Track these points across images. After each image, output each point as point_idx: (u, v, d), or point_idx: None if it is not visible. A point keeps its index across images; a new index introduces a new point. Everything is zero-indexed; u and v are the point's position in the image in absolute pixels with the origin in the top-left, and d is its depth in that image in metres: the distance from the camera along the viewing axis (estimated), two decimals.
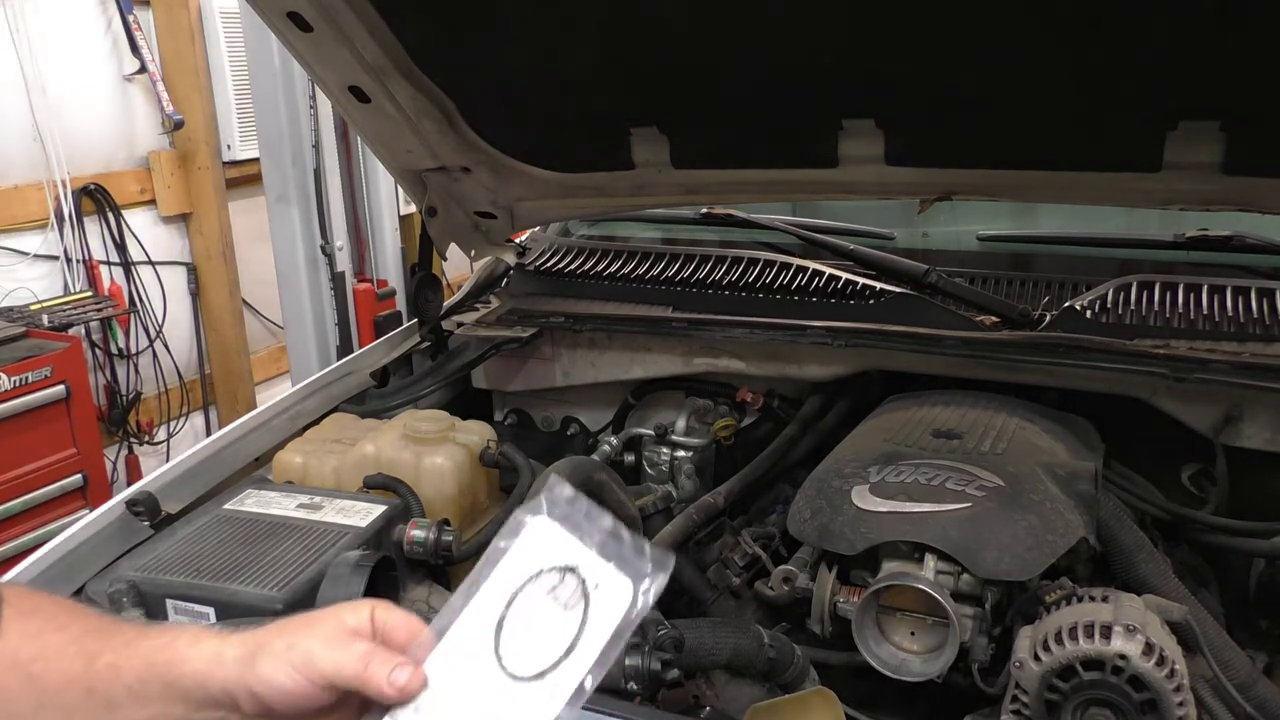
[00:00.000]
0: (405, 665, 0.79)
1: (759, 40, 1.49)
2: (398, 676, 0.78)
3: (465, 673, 0.81)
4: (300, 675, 0.77)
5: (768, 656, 1.26)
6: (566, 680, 0.79)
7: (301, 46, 1.63)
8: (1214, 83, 1.38)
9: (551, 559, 0.84)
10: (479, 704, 0.80)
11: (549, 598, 0.82)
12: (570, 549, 0.84)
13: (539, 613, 0.82)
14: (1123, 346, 1.67)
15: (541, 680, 0.79)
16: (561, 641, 0.81)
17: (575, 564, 0.83)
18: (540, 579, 0.83)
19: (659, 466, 1.93)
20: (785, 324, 1.88)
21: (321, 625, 0.81)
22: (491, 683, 0.80)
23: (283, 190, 4.04)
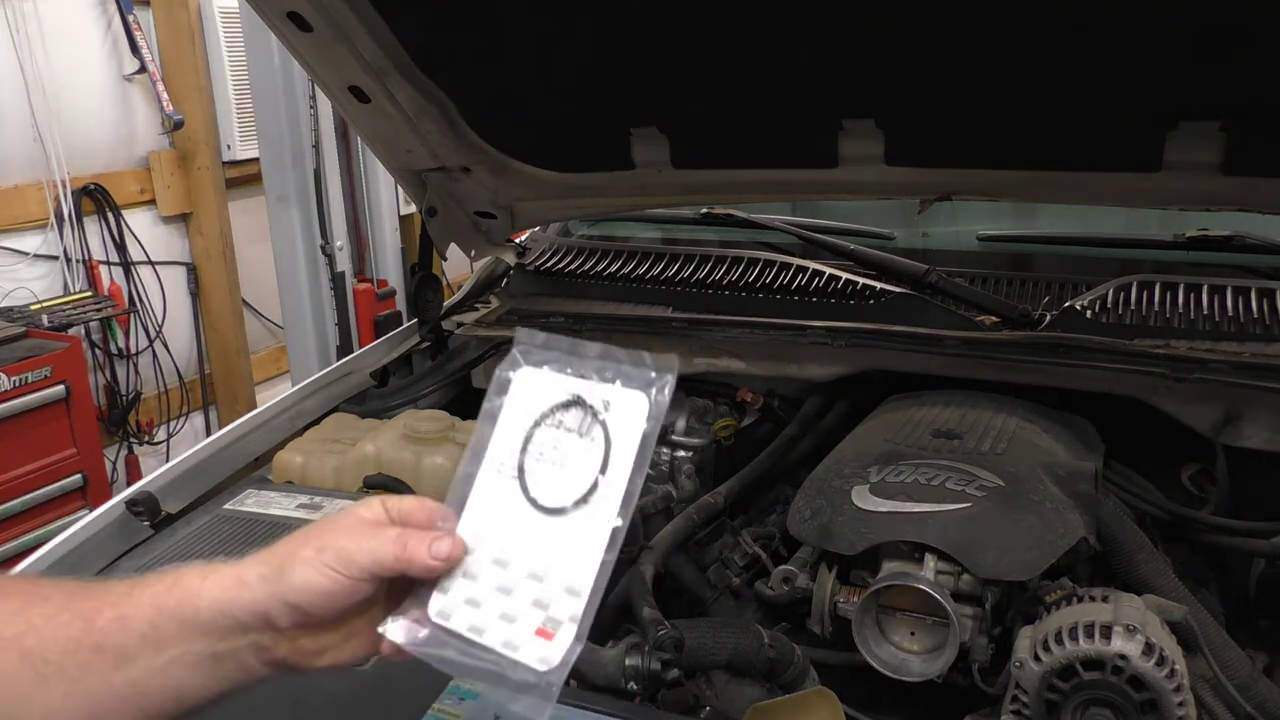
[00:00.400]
0: (441, 537, 0.79)
1: (759, 40, 1.49)
2: (439, 549, 0.78)
3: (503, 524, 0.81)
4: (339, 573, 0.76)
5: (768, 656, 1.26)
6: (610, 496, 0.79)
7: (301, 46, 1.63)
8: (1214, 83, 1.38)
9: (551, 399, 0.83)
10: (528, 547, 0.80)
11: (563, 433, 0.82)
12: (566, 384, 0.83)
13: (558, 448, 0.82)
14: (1123, 346, 1.67)
15: (586, 504, 0.79)
16: (591, 465, 0.80)
17: (577, 393, 0.82)
18: (547, 420, 0.83)
19: (659, 466, 1.93)
20: (785, 324, 1.88)
21: (342, 523, 0.80)
22: (533, 524, 0.80)
23: (283, 190, 4.04)
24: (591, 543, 0.78)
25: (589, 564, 0.78)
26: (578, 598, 0.77)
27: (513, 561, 0.80)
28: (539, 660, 0.76)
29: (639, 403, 0.81)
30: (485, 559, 0.80)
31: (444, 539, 0.79)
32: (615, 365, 0.83)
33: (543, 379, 0.84)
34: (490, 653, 0.78)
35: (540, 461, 0.82)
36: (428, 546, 0.78)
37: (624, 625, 1.46)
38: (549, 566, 0.79)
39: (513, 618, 0.78)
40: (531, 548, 0.80)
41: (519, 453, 0.82)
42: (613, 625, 1.48)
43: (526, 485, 0.81)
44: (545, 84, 1.72)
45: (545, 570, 0.79)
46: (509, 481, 0.82)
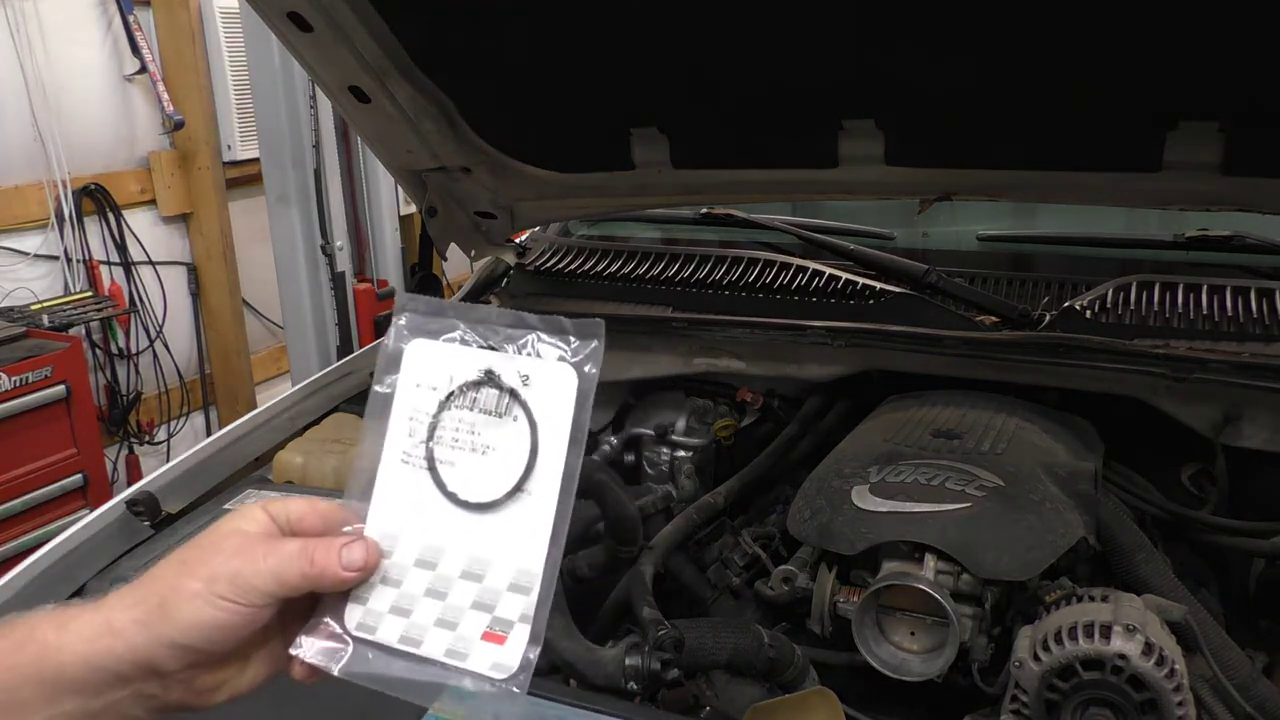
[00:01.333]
0: (351, 542, 0.69)
1: (759, 40, 1.49)
2: (352, 557, 0.69)
3: (422, 521, 0.71)
4: (237, 604, 0.66)
5: (768, 656, 1.26)
6: (546, 481, 0.70)
7: (302, 46, 1.63)
8: (1214, 83, 1.38)
9: (456, 374, 0.72)
10: (456, 544, 0.70)
11: (477, 414, 0.71)
12: (473, 357, 0.72)
13: (475, 433, 0.71)
14: (1122, 346, 1.67)
15: (520, 493, 0.70)
16: (517, 450, 0.70)
17: (488, 368, 0.72)
18: (456, 400, 0.72)
19: (659, 466, 1.93)
20: (785, 324, 1.88)
21: (225, 544, 0.69)
22: (458, 520, 0.71)
23: (283, 190, 4.05)
24: (533, 534, 0.69)
25: (534, 557, 0.69)
26: (526, 594, 0.69)
27: (440, 561, 0.71)
28: (492, 667, 0.68)
29: (565, 376, 0.71)
30: (406, 561, 0.71)
31: (355, 544, 0.69)
32: (529, 332, 0.72)
33: (442, 352, 0.73)
34: (432, 664, 0.69)
35: (456, 449, 0.71)
36: (337, 555, 0.68)
37: (624, 625, 1.46)
38: (486, 563, 0.70)
39: (452, 623, 0.69)
40: (460, 544, 0.70)
41: (426, 440, 0.72)
42: (613, 625, 1.48)
43: (442, 477, 0.71)
44: (545, 84, 1.72)
45: (483, 568, 0.70)
46: (419, 473, 0.72)
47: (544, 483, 0.70)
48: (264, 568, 0.67)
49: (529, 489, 0.70)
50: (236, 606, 0.67)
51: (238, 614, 0.67)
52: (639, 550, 1.49)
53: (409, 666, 0.70)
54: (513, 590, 0.69)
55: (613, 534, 1.48)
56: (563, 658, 1.22)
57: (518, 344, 0.72)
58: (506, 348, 0.72)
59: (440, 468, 0.72)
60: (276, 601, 0.68)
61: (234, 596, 0.66)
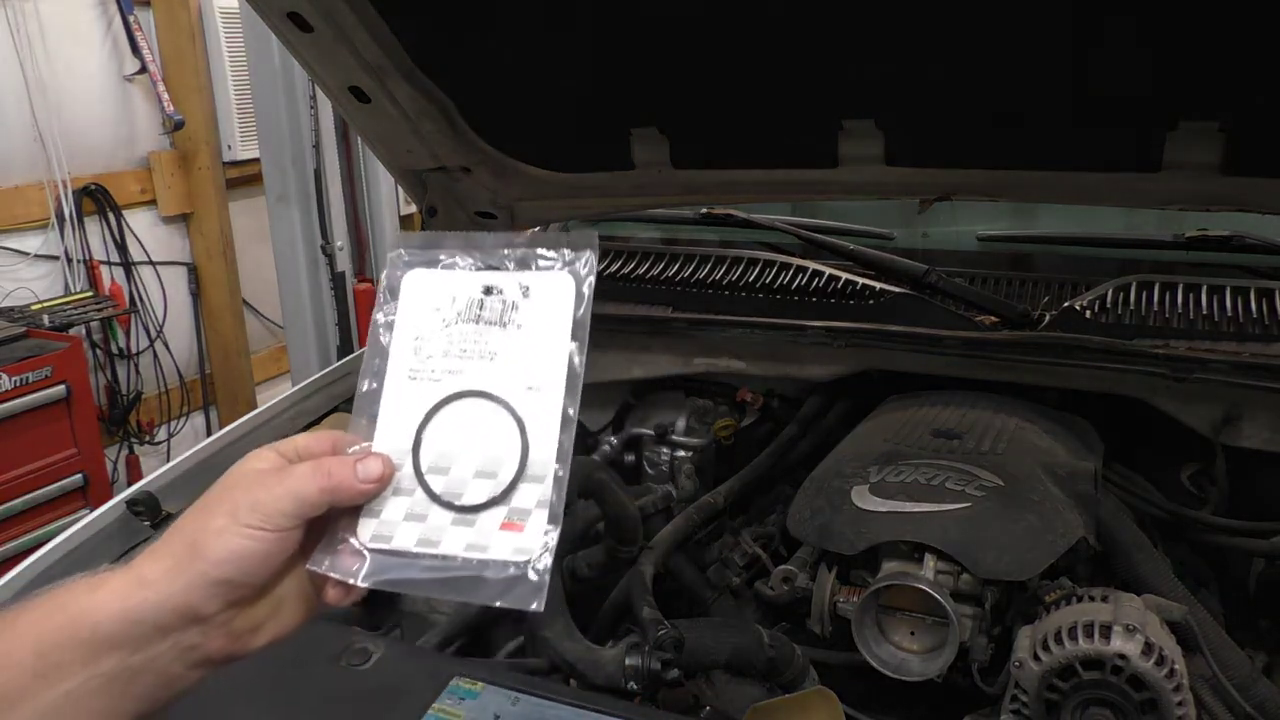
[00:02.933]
0: (366, 457, 0.72)
1: (759, 40, 1.49)
2: (368, 469, 0.71)
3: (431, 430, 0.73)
4: (265, 529, 0.68)
5: (767, 656, 1.26)
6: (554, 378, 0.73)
7: (302, 47, 1.63)
8: (1213, 83, 1.38)
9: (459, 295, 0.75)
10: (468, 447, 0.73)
11: (482, 326, 0.74)
12: (473, 278, 0.76)
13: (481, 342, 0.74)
14: (1122, 346, 1.67)
15: (532, 392, 0.73)
16: (524, 352, 0.73)
17: (490, 284, 0.75)
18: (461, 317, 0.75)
19: (659, 466, 1.93)
20: (785, 324, 1.88)
21: (241, 482, 0.71)
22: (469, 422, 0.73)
23: (283, 190, 4.05)
24: (544, 428, 0.72)
25: (546, 447, 0.71)
26: (541, 483, 0.71)
27: (453, 466, 0.72)
28: (514, 553, 0.69)
29: (563, 283, 0.74)
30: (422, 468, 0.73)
31: (370, 458, 0.72)
32: (525, 250, 0.75)
33: (441, 277, 0.76)
34: (452, 561, 0.70)
35: (464, 358, 0.74)
36: (353, 469, 0.71)
37: (624, 625, 1.47)
38: (499, 460, 0.72)
39: (470, 520, 0.71)
40: (473, 447, 0.72)
41: (437, 355, 0.75)
42: (613, 625, 1.48)
43: (455, 385, 0.74)
44: (545, 84, 1.72)
45: (495, 466, 0.71)
46: (426, 385, 0.74)
47: (550, 378, 0.73)
48: (281, 490, 0.69)
49: (536, 385, 0.73)
50: (263, 532, 0.68)
51: (265, 539, 0.68)
52: (639, 550, 1.49)
53: (429, 567, 0.71)
54: (528, 481, 0.71)
55: (613, 534, 1.48)
56: (563, 658, 1.22)
57: (516, 260, 0.75)
58: (506, 265, 0.75)
59: (448, 378, 0.74)
60: (300, 523, 0.70)
61: (258, 522, 0.68)
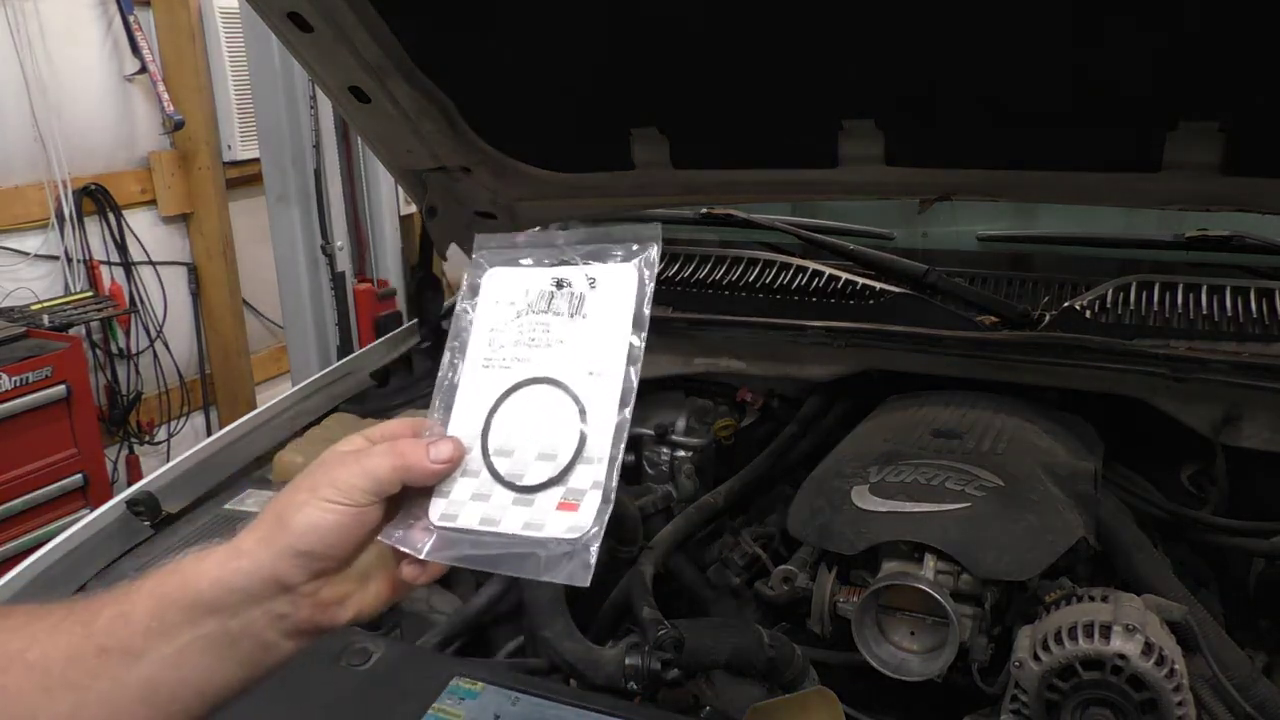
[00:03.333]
0: (438, 440, 0.78)
1: (759, 40, 1.49)
2: (440, 451, 0.77)
3: (500, 416, 0.78)
4: (342, 504, 0.74)
5: (767, 656, 1.26)
6: (615, 364, 0.77)
7: (302, 47, 1.63)
8: (1213, 83, 1.38)
9: (532, 289, 0.81)
10: (532, 432, 0.77)
11: (551, 316, 0.80)
12: (545, 273, 0.81)
13: (550, 331, 0.79)
14: (1122, 346, 1.67)
15: (593, 377, 0.77)
16: (590, 339, 0.78)
17: (560, 277, 0.80)
18: (534, 308, 0.80)
19: (659, 466, 1.93)
20: (785, 324, 1.88)
21: (328, 462, 0.78)
22: (534, 409, 0.78)
23: (283, 190, 4.05)
24: (603, 412, 0.76)
25: (604, 432, 0.76)
26: (597, 464, 0.75)
27: (517, 449, 0.77)
28: (568, 530, 0.73)
29: (628, 274, 0.79)
30: (486, 454, 0.78)
31: (443, 441, 0.77)
32: (594, 245, 0.80)
33: (517, 274, 0.82)
34: (513, 539, 0.75)
35: (533, 347, 0.79)
36: (425, 450, 0.77)
37: (624, 625, 1.47)
38: (558, 444, 0.76)
39: (529, 501, 0.75)
40: (536, 431, 0.77)
41: (509, 345, 0.80)
42: (613, 625, 1.48)
43: (520, 374, 0.79)
44: (545, 84, 1.72)
45: (555, 448, 0.76)
46: (498, 373, 0.79)
47: (610, 364, 0.77)
48: (358, 469, 0.75)
49: (597, 371, 0.77)
50: (342, 506, 0.74)
51: (344, 513, 0.74)
52: (639, 550, 1.49)
53: (490, 543, 0.75)
54: (584, 463, 0.75)
55: (613, 534, 1.48)
56: (563, 658, 1.22)
57: (584, 254, 0.80)
58: (575, 260, 0.80)
59: (517, 365, 0.79)
60: (375, 500, 0.75)
61: (337, 498, 0.74)
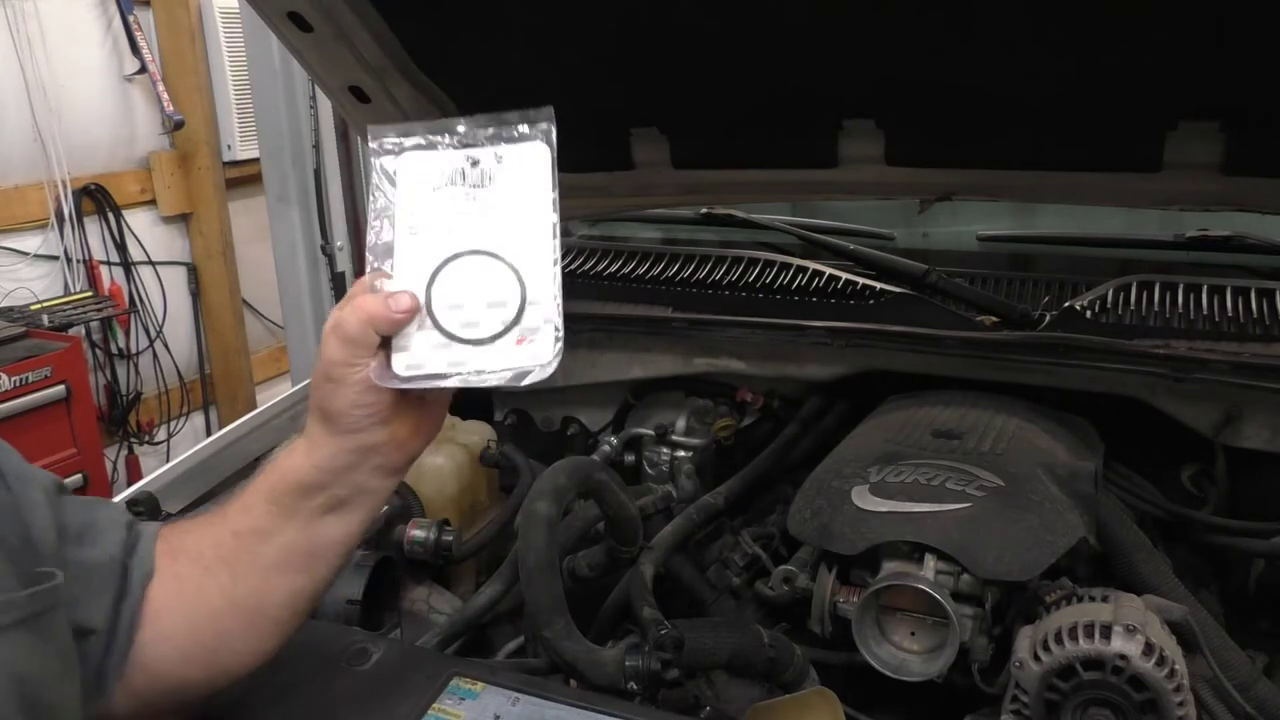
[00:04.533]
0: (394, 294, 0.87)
1: (759, 39, 1.49)
2: (398, 302, 0.86)
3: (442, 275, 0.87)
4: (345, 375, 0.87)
5: (767, 656, 1.26)
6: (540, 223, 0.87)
7: (302, 46, 1.63)
8: (1214, 83, 1.38)
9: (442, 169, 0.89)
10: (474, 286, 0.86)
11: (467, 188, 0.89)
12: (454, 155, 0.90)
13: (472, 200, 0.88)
14: (1123, 347, 1.67)
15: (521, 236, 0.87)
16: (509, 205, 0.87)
17: (471, 156, 0.89)
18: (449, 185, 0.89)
19: (659, 466, 1.93)
20: (785, 324, 1.88)
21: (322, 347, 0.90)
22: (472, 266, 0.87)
23: (283, 190, 4.04)
24: (539, 262, 0.86)
25: (544, 278, 0.86)
26: (545, 304, 0.85)
27: (467, 301, 0.86)
28: (531, 359, 0.85)
29: (536, 149, 0.89)
30: (440, 306, 0.87)
31: (399, 294, 0.86)
32: (493, 128, 0.90)
33: (430, 157, 0.90)
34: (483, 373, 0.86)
35: (461, 216, 0.88)
36: (384, 302, 0.86)
37: (624, 625, 1.47)
38: (504, 292, 0.86)
39: (486, 342, 0.85)
40: (480, 283, 0.86)
41: (436, 215, 0.88)
42: (613, 625, 1.48)
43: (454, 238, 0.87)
44: (545, 84, 1.71)
45: (503, 296, 0.86)
46: (428, 239, 0.88)
47: (537, 220, 0.87)
48: (338, 340, 0.87)
49: (526, 228, 0.87)
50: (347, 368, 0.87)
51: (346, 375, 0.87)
52: (639, 550, 1.49)
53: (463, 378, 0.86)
54: (532, 305, 0.85)
55: (613, 534, 1.48)
56: (563, 658, 1.22)
57: (487, 137, 0.90)
58: (479, 142, 0.90)
59: (448, 235, 0.88)
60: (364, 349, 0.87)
61: (341, 371, 0.87)
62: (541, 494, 1.31)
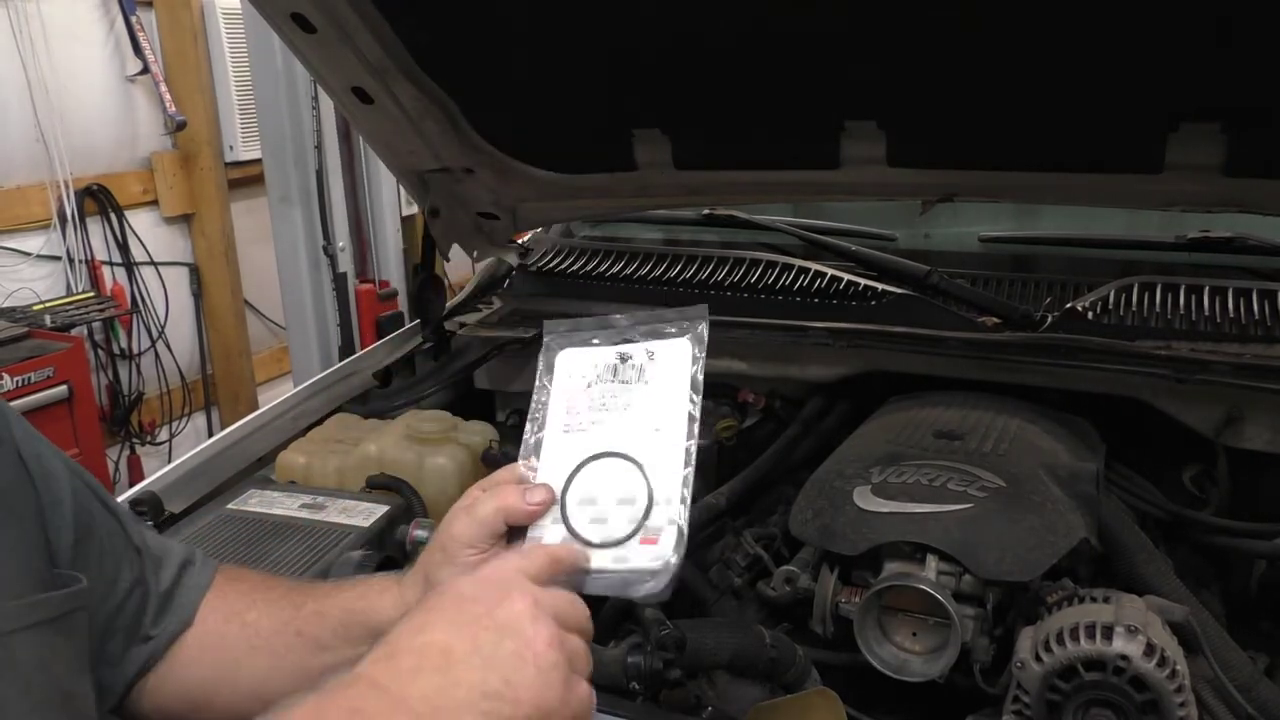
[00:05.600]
0: (533, 487, 0.91)
1: (760, 41, 1.49)
2: (533, 495, 0.90)
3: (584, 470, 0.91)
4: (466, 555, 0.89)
5: (769, 657, 1.26)
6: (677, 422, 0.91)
7: (304, 47, 1.64)
8: (1215, 84, 1.38)
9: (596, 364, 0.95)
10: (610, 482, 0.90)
11: (618, 385, 0.93)
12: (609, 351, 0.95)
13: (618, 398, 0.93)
14: (1124, 348, 1.67)
15: (659, 434, 0.90)
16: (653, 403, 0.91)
17: (623, 353, 0.94)
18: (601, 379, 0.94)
19: None
20: (787, 325, 1.88)
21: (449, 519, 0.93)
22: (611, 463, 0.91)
23: (285, 191, 4.05)
24: (670, 463, 0.89)
25: (673, 479, 0.89)
26: (671, 505, 0.88)
27: (599, 498, 0.90)
28: (651, 560, 0.86)
29: (682, 347, 0.93)
30: (572, 502, 0.90)
31: (537, 488, 0.91)
32: (650, 324, 0.94)
33: (585, 353, 0.96)
34: (605, 573, 0.87)
35: (604, 411, 0.92)
36: (521, 494, 0.90)
37: (625, 625, 1.47)
38: (635, 491, 0.89)
39: (615, 539, 0.87)
40: (612, 481, 0.90)
41: (584, 411, 0.93)
42: (614, 625, 1.48)
43: (598, 434, 0.92)
44: (548, 85, 1.72)
45: (632, 494, 0.88)
46: (577, 435, 0.92)
47: (673, 421, 0.91)
48: (469, 520, 0.91)
49: (661, 428, 0.91)
50: (467, 556, 0.90)
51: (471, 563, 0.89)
52: None
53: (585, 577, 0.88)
54: (659, 504, 0.88)
55: None
56: None
57: (642, 333, 0.94)
58: (635, 338, 0.95)
59: (593, 428, 0.92)
60: (491, 538, 0.90)
61: (463, 550, 0.90)
62: None
